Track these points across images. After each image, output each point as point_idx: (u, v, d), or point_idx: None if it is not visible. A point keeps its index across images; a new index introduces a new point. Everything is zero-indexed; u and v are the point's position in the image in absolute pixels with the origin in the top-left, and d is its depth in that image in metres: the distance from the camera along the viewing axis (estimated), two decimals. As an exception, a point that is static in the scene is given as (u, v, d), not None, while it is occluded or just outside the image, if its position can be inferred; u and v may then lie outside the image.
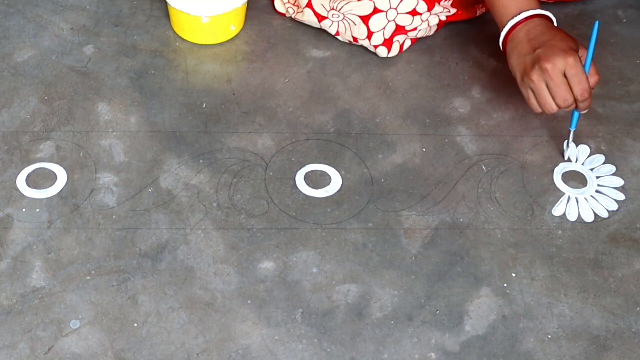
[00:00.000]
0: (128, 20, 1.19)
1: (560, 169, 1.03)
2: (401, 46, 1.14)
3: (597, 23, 0.98)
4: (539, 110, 0.97)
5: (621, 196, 1.01)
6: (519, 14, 0.99)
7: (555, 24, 1.01)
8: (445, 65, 1.15)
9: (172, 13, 1.15)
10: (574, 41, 0.97)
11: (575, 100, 0.95)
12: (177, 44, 1.15)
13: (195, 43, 1.15)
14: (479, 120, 1.07)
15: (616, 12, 1.22)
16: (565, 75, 0.94)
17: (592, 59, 0.97)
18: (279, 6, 1.20)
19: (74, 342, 0.84)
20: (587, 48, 0.97)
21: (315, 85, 1.11)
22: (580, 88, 0.94)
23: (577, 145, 1.05)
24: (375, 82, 1.12)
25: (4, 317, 0.86)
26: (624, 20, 1.21)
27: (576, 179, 1.02)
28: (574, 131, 1.02)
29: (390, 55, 1.13)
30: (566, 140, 1.03)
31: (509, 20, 1.00)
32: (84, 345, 0.84)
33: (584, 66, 0.95)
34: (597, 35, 0.98)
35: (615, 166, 1.04)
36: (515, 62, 0.98)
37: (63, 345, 0.84)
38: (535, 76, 0.94)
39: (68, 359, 0.83)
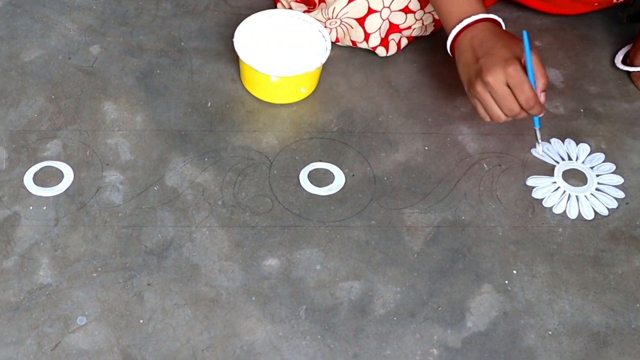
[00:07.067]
0: (134, 20, 1.19)
1: (561, 167, 1.03)
2: (398, 44, 1.14)
3: (525, 32, 0.92)
4: (488, 119, 0.95)
5: (621, 194, 1.01)
6: (462, 20, 0.96)
7: (503, 26, 0.98)
8: (447, 64, 1.15)
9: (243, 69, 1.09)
10: (518, 44, 0.92)
11: (523, 108, 0.92)
12: (182, 44, 1.16)
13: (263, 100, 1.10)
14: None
15: (616, 12, 1.22)
16: (508, 85, 0.91)
17: (540, 62, 0.92)
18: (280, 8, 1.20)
19: (80, 338, 0.85)
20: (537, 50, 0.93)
21: (319, 84, 1.11)
22: (524, 97, 0.90)
23: (577, 144, 1.06)
24: (378, 82, 1.13)
25: (11, 313, 0.86)
26: (624, 21, 1.21)
27: (577, 177, 1.03)
28: (540, 129, 0.99)
29: (389, 54, 1.14)
30: (536, 137, 1.00)
31: (452, 28, 0.97)
32: (91, 342, 0.84)
33: (526, 73, 0.91)
34: (529, 42, 0.91)
35: (615, 164, 1.04)
36: (462, 72, 0.96)
37: (70, 341, 0.84)
38: (479, 88, 0.92)
39: (75, 355, 0.83)
